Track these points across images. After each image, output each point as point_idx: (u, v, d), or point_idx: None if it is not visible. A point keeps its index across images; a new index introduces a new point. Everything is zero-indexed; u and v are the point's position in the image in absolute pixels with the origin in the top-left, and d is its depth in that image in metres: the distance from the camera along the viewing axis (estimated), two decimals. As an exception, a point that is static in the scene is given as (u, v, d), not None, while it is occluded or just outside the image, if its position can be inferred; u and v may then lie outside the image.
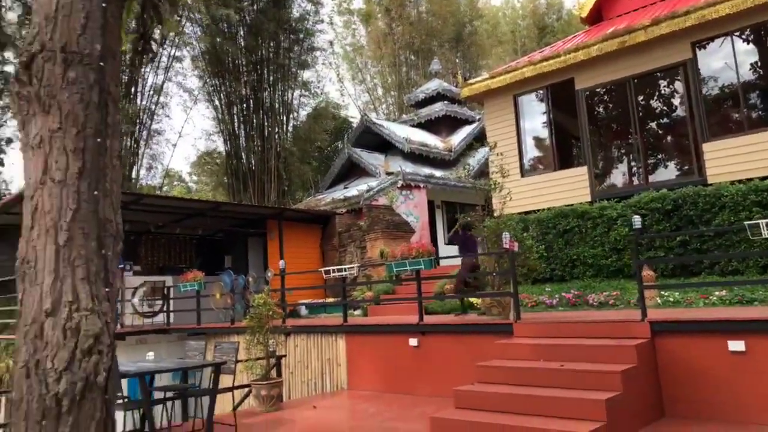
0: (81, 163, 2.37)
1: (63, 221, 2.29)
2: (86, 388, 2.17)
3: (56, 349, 2.15)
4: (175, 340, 11.77)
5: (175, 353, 11.01)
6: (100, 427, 2.23)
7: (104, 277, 2.37)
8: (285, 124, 26.35)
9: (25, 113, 2.39)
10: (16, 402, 2.17)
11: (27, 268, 2.26)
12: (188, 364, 6.07)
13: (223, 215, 14.64)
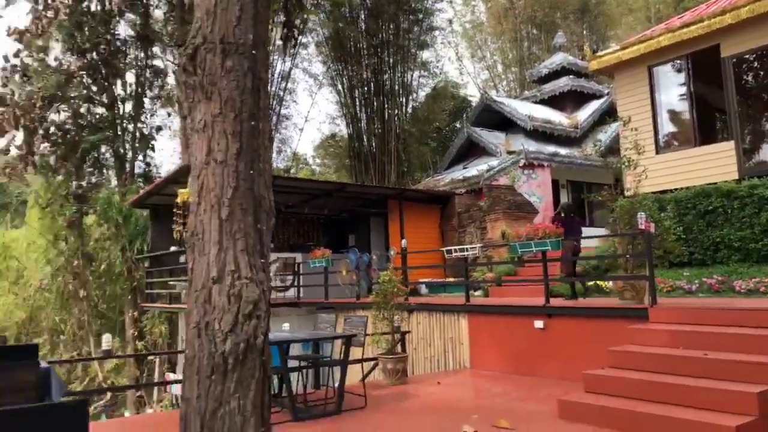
0: (238, 144, 2.58)
1: (225, 198, 2.52)
2: (248, 348, 2.39)
3: (222, 313, 2.39)
4: (305, 314, 12.46)
5: (305, 325, 11.68)
6: (259, 386, 2.46)
7: (260, 249, 2.58)
8: (404, 106, 26.60)
9: (190, 100, 2.65)
10: (190, 358, 2.45)
11: (196, 240, 2.52)
12: (321, 335, 6.42)
13: (348, 196, 15.17)
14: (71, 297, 18.48)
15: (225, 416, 2.36)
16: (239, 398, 2.38)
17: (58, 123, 18.08)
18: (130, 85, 20.07)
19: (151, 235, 16.24)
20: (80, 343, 18.76)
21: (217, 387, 2.37)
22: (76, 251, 18.12)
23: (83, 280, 18.17)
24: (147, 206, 16.11)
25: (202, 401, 2.37)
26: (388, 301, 7.64)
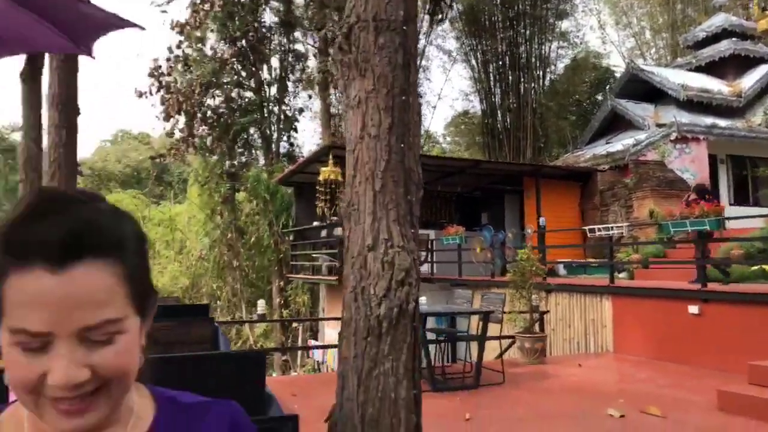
0: (390, 119, 2.67)
1: (378, 170, 2.63)
2: (400, 314, 2.50)
3: (377, 279, 2.51)
4: (438, 290, 12.62)
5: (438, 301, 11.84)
6: (410, 350, 2.56)
7: (410, 219, 2.67)
8: (541, 79, 25.57)
9: (346, 78, 2.78)
10: (347, 320, 2.61)
11: (352, 210, 2.66)
12: (459, 310, 6.49)
13: (481, 173, 15.00)
14: (226, 266, 20.31)
15: (380, 376, 2.50)
16: (392, 360, 2.50)
17: (213, 107, 19.76)
18: (275, 69, 21.33)
19: (295, 210, 17.30)
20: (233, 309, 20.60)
21: (372, 348, 2.51)
22: (230, 225, 19.83)
23: (236, 252, 19.87)
24: (291, 184, 17.14)
25: (359, 360, 2.52)
26: (526, 279, 7.51)
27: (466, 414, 4.83)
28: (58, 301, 0.62)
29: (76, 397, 0.64)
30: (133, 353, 0.69)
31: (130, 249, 0.69)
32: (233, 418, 0.82)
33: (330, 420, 2.67)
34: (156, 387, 0.83)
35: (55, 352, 0.62)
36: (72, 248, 0.62)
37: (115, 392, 0.68)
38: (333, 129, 20.88)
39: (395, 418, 2.50)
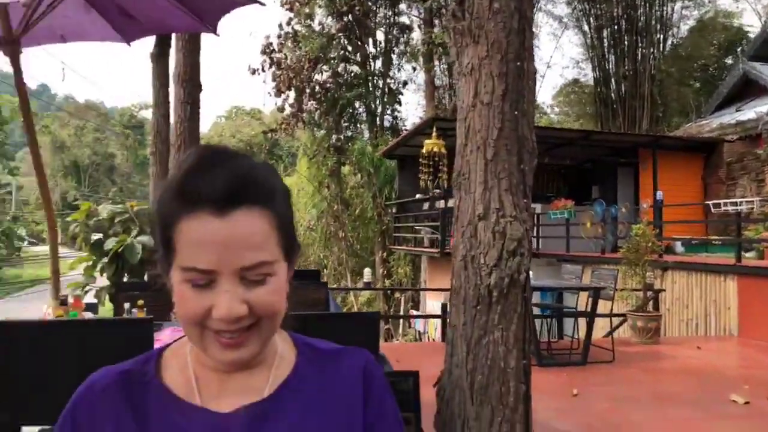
0: (504, 86, 2.62)
1: (490, 139, 2.59)
2: (511, 283, 2.49)
3: (487, 248, 2.51)
4: (544, 265, 12.30)
5: (544, 276, 11.54)
6: (521, 320, 2.55)
7: (523, 189, 2.62)
8: (661, 43, 23.70)
9: (459, 45, 2.75)
10: (456, 288, 2.64)
11: (462, 180, 2.66)
12: (567, 285, 6.31)
13: (592, 144, 14.30)
14: (332, 237, 21.02)
15: (489, 344, 2.51)
16: (502, 329, 2.50)
17: (321, 82, 20.26)
18: (380, 42, 21.44)
19: (398, 183, 17.48)
20: (339, 278, 21.34)
21: (481, 317, 2.52)
22: (336, 197, 20.44)
23: (341, 223, 20.49)
24: (394, 157, 17.31)
25: (468, 328, 2.55)
26: (640, 256, 7.13)
27: (574, 389, 4.73)
28: (222, 243, 0.70)
29: (235, 331, 0.72)
30: (282, 295, 0.77)
31: (280, 200, 0.76)
32: (367, 365, 0.87)
33: (438, 385, 2.73)
34: (295, 333, 0.91)
35: (220, 289, 0.71)
36: (234, 196, 0.70)
37: (266, 330, 0.75)
38: (437, 101, 20.75)
39: (504, 387, 2.50)
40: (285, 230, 0.77)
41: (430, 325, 13.33)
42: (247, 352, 0.74)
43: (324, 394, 0.83)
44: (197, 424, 0.76)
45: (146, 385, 0.78)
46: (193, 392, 0.78)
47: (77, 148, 54.77)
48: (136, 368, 0.80)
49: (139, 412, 0.76)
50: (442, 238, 12.58)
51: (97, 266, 6.21)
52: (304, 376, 0.84)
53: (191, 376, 0.79)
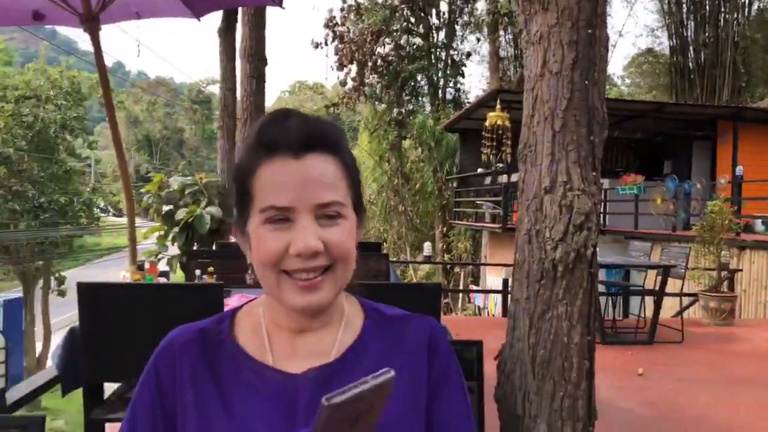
0: (574, 54, 2.52)
1: (558, 109, 2.51)
2: (577, 258, 2.43)
3: (553, 222, 2.45)
4: (610, 242, 11.94)
5: (610, 253, 11.21)
6: (586, 295, 2.49)
7: (591, 162, 2.53)
8: (746, 8, 22.11)
9: (527, 13, 2.66)
10: (519, 262, 2.60)
11: (528, 152, 2.60)
12: (635, 262, 6.11)
13: (666, 117, 13.64)
14: (392, 211, 21.11)
15: (552, 319, 2.47)
16: (567, 305, 2.46)
17: (383, 55, 20.17)
18: (443, 13, 21.05)
19: (460, 157, 17.29)
20: (398, 251, 21.47)
21: (545, 292, 2.48)
22: (396, 171, 20.45)
23: (401, 197, 20.53)
24: (456, 130, 17.10)
25: (531, 303, 2.51)
26: (715, 234, 6.80)
27: (639, 369, 4.61)
28: (298, 181, 0.75)
29: (311, 270, 0.75)
30: (353, 241, 0.80)
31: (347, 155, 0.82)
32: (433, 331, 0.88)
33: (499, 358, 2.73)
34: (363, 299, 0.93)
35: (296, 225, 0.75)
36: (308, 141, 0.77)
37: (340, 276, 0.78)
38: (501, 73, 20.26)
39: (567, 362, 2.47)
40: (354, 183, 0.82)
41: (490, 300, 13.27)
42: (322, 297, 0.77)
43: (389, 358, 0.84)
44: (268, 382, 0.79)
45: (221, 343, 0.82)
46: (266, 352, 0.81)
47: (149, 122, 57.09)
48: (211, 327, 0.84)
49: (214, 368, 0.80)
50: (504, 213, 12.40)
51: (169, 235, 6.51)
52: (370, 340, 0.85)
53: (264, 336, 0.83)
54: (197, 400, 0.78)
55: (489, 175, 14.10)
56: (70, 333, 2.38)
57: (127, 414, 0.82)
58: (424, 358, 0.85)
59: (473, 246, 19.08)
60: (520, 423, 2.52)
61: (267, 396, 0.78)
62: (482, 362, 1.45)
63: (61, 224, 17.29)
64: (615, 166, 15.34)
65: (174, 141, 59.44)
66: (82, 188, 19.19)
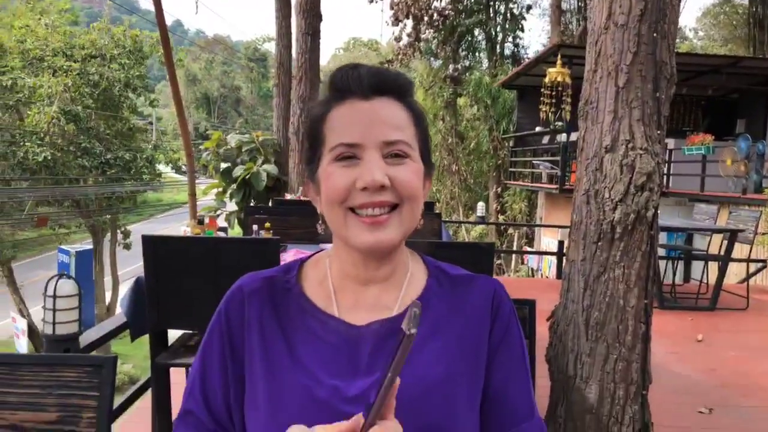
0: (643, 4, 2.39)
1: (623, 64, 2.40)
2: (637, 220, 2.36)
3: (613, 182, 2.37)
4: (672, 204, 11.48)
5: (672, 216, 10.79)
6: (644, 258, 2.42)
7: (657, 119, 2.43)
8: (839, -49, 20.21)
9: (596, -39, 2.52)
10: (576, 223, 2.55)
11: (590, 108, 2.51)
12: (698, 226, 5.87)
13: (741, 73, 12.81)
14: (445, 170, 20.93)
15: (608, 281, 2.42)
16: (624, 267, 2.40)
17: (439, 9, 19.64)
18: (503, -36, 20.24)
19: (517, 115, 16.84)
20: (451, 212, 21.38)
21: (602, 253, 2.43)
22: (451, 129, 20.16)
23: (455, 156, 20.30)
24: (514, 87, 16.61)
25: (587, 264, 2.47)
26: (790, 197, 6.42)
27: (699, 335, 4.49)
28: (366, 119, 0.78)
29: (377, 206, 0.77)
30: (419, 182, 0.81)
31: (416, 105, 0.85)
32: (497, 291, 0.88)
33: (552, 319, 2.70)
34: (427, 257, 0.93)
35: (364, 161, 0.77)
36: (377, 85, 0.80)
37: (405, 215, 0.79)
38: (563, 26, 19.42)
39: (622, 325, 2.43)
40: (421, 132, 0.84)
41: (544, 262, 13.10)
42: (387, 235, 0.78)
43: (452, 315, 0.85)
44: (332, 331, 0.81)
45: (288, 291, 0.85)
46: (331, 303, 0.84)
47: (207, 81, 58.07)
48: (279, 276, 0.87)
49: (280, 314, 0.83)
50: (562, 173, 12.08)
51: (227, 192, 6.69)
52: (433, 296, 0.86)
53: (330, 287, 0.85)
54: (263, 343, 0.82)
55: (547, 133, 13.71)
56: (135, 283, 2.51)
57: (198, 355, 0.86)
58: (486, 318, 0.86)
59: (528, 207, 18.77)
60: (571, 383, 2.51)
61: (330, 345, 0.81)
62: (534, 322, 1.44)
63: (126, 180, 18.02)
64: (682, 125, 14.61)
65: (231, 99, 60.39)
66: (144, 145, 19.87)
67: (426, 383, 0.78)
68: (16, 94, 15.94)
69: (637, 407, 2.44)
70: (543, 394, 2.61)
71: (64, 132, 16.13)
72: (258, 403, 0.79)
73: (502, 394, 0.84)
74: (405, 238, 0.82)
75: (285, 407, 0.77)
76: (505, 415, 0.83)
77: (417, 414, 0.76)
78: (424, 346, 0.81)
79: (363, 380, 0.78)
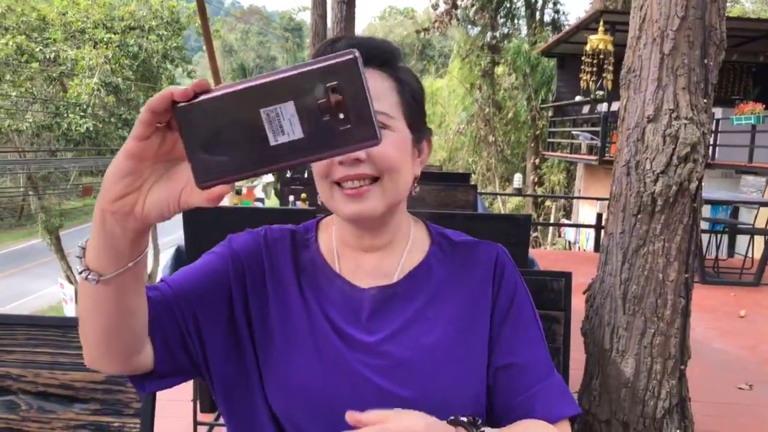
0: (692, -34, 2.28)
1: (669, 29, 2.31)
2: (679, 192, 2.29)
3: (655, 153, 2.31)
4: (718, 176, 11.12)
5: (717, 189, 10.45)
6: (686, 232, 2.36)
7: (704, 87, 2.33)
8: None
9: None
10: (615, 195, 2.49)
11: (632, 77, 2.43)
12: (744, 198, 5.68)
13: (797, 37, 12.14)
14: (481, 141, 20.66)
15: (647, 255, 2.37)
16: (664, 240, 2.35)
17: (477, -25, 19.16)
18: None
19: (556, 84, 16.41)
20: (487, 183, 21.16)
21: (642, 226, 2.37)
22: (488, 99, 19.82)
23: (492, 127, 19.98)
24: (554, 55, 16.15)
25: (626, 237, 2.42)
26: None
27: (742, 311, 4.38)
28: None
29: (356, 179, 0.77)
30: (402, 154, 0.80)
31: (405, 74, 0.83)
32: (499, 257, 0.88)
33: (588, 292, 2.68)
34: (432, 224, 0.93)
35: None
36: None
37: (387, 187, 0.79)
38: (606, -9, 18.68)
39: (661, 299, 2.39)
40: (408, 99, 0.82)
41: (582, 235, 12.90)
42: (368, 206, 0.79)
43: (453, 280, 0.86)
44: (336, 288, 0.85)
45: (307, 246, 0.90)
46: (335, 263, 0.87)
47: (243, 51, 58.28)
48: (300, 231, 0.92)
49: (297, 264, 0.87)
50: (603, 144, 11.78)
51: (264, 162, 6.76)
52: (434, 263, 0.87)
53: (334, 250, 0.88)
54: (278, 286, 0.85)
55: (587, 103, 13.35)
56: (176, 251, 2.58)
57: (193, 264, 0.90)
58: (488, 283, 0.86)
59: (567, 179, 18.43)
60: (607, 357, 2.49)
61: (335, 300, 0.84)
62: (570, 294, 1.43)
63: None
64: (731, 94, 14.02)
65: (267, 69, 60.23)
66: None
67: (426, 347, 0.80)
68: (59, 67, 16.32)
69: (675, 382, 2.41)
70: (577, 367, 2.60)
71: (105, 103, 16.48)
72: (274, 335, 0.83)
73: (517, 359, 0.83)
74: (392, 208, 0.83)
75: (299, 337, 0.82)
76: (523, 379, 0.83)
77: (419, 378, 0.78)
78: (426, 311, 0.83)
79: (362, 336, 0.81)
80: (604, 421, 2.46)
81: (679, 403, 2.42)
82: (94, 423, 0.95)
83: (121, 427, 0.95)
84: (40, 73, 16.21)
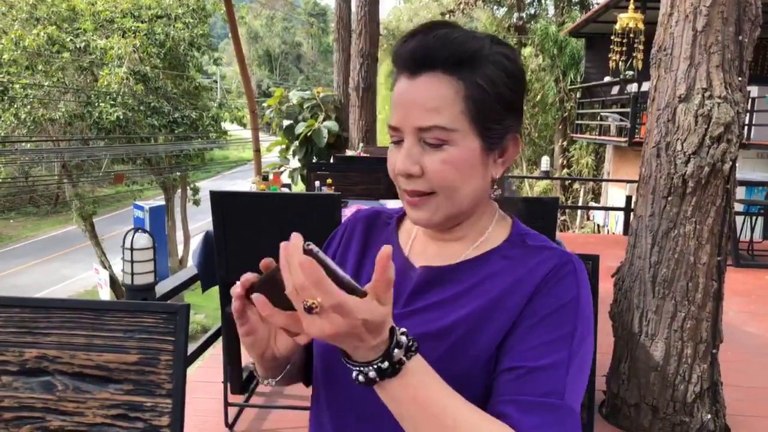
0: (726, -61, 2.20)
1: (702, 6, 2.24)
2: (711, 173, 2.24)
3: (686, 134, 2.26)
4: (753, 157, 10.79)
5: (753, 169, 10.17)
6: (719, 214, 2.31)
7: (738, 65, 2.27)
8: None
9: None
10: (645, 177, 2.45)
11: (663, 55, 2.37)
12: (781, 180, 5.51)
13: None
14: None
15: (678, 238, 2.33)
16: (695, 223, 2.30)
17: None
18: None
19: (585, 65, 16.09)
20: (513, 166, 20.88)
21: (672, 208, 2.33)
22: (515, 81, 19.51)
23: (519, 109, 19.69)
24: (582, 35, 15.81)
25: (656, 220, 2.38)
26: None
27: (776, 295, 4.28)
28: (406, 102, 0.76)
29: (411, 192, 0.78)
30: (460, 169, 0.76)
31: (479, 73, 0.75)
32: (557, 266, 0.79)
33: (617, 276, 2.65)
34: (521, 224, 0.89)
35: (403, 146, 0.78)
36: (419, 60, 0.75)
37: (442, 204, 0.78)
38: (637, -32, 18.18)
39: (692, 282, 2.35)
40: (477, 103, 0.75)
41: (610, 218, 12.72)
42: (424, 216, 0.80)
43: (499, 276, 0.80)
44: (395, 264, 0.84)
45: (386, 226, 0.94)
46: (407, 244, 0.90)
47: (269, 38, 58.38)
48: (387, 214, 0.96)
49: (369, 239, 0.93)
50: (632, 125, 11.53)
51: (290, 149, 6.80)
52: (493, 258, 0.83)
53: (412, 233, 0.91)
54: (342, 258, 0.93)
55: (617, 84, 13.05)
56: (205, 237, 2.62)
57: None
58: (529, 286, 0.77)
59: (595, 161, 18.13)
60: (636, 340, 2.47)
61: None
62: (597, 277, 1.42)
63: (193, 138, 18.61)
64: (767, 72, 13.56)
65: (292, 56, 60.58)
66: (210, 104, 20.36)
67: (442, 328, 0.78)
68: (89, 56, 16.59)
69: (706, 366, 2.37)
70: (606, 351, 2.58)
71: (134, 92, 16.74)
72: None
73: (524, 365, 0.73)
74: (453, 218, 0.80)
75: None
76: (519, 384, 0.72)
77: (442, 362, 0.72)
78: (461, 298, 0.80)
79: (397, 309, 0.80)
80: (632, 404, 2.45)
81: (710, 387, 2.39)
82: (128, 402, 0.98)
83: (154, 407, 0.98)
84: (72, 63, 16.50)
